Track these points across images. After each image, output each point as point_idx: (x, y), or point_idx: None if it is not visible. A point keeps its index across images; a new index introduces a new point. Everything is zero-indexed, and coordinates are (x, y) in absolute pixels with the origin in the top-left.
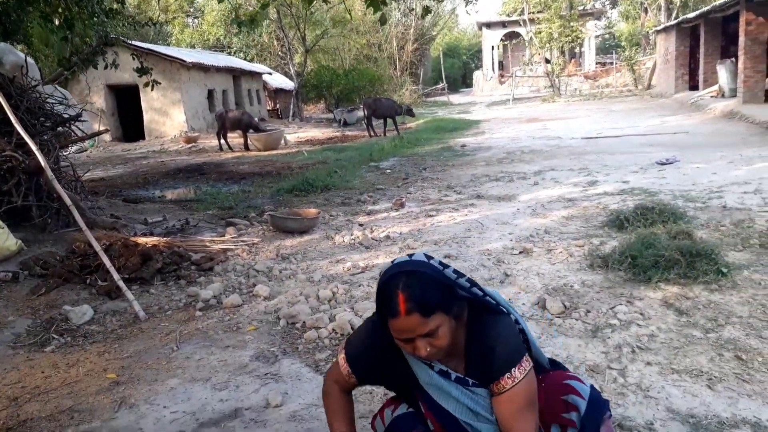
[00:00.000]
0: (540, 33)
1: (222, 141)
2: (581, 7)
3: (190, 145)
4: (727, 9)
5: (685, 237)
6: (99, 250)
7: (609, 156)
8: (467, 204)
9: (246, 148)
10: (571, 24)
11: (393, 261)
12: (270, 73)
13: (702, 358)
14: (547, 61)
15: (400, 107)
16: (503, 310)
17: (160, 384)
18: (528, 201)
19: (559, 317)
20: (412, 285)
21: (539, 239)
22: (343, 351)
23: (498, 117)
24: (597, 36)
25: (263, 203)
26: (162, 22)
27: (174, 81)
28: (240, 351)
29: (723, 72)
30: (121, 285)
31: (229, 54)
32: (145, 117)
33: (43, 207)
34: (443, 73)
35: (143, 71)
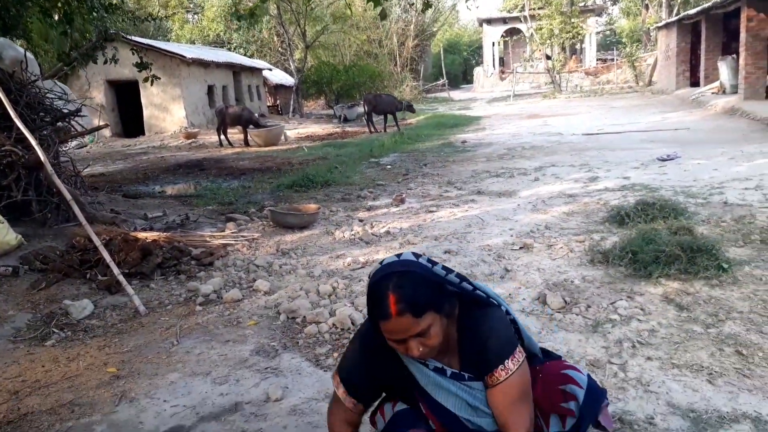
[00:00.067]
0: (541, 29)
1: (222, 137)
2: (582, 4)
3: (190, 141)
4: (729, 5)
5: (686, 233)
6: (99, 244)
7: (610, 152)
8: (468, 200)
9: (246, 143)
10: (572, 20)
11: (381, 262)
12: (270, 69)
13: (702, 353)
14: (548, 58)
15: (400, 103)
16: (494, 302)
17: (160, 378)
18: (528, 197)
19: (560, 312)
20: (402, 285)
21: (540, 235)
22: (336, 376)
23: (499, 113)
24: (598, 32)
25: (263, 199)
26: (162, 17)
27: (174, 77)
28: (240, 345)
29: (724, 68)
30: (121, 280)
31: (229, 50)
32: (145, 113)
33: (43, 202)
34: (444, 70)
35: (143, 66)
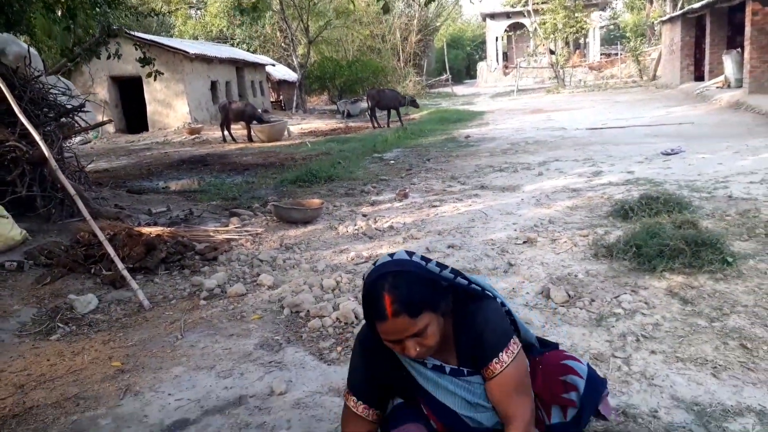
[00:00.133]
0: (544, 24)
1: (225, 132)
2: None
3: (193, 137)
4: None
5: (690, 226)
6: (103, 239)
7: (613, 146)
8: (471, 194)
9: (249, 139)
10: (576, 15)
11: (374, 263)
12: (273, 65)
13: (707, 346)
14: (552, 52)
15: (403, 98)
16: (489, 294)
17: (164, 372)
18: (532, 191)
19: (563, 306)
20: (397, 286)
21: (543, 229)
22: (347, 389)
23: (502, 108)
24: (602, 27)
25: (267, 194)
26: (164, 13)
27: (177, 72)
28: (244, 339)
29: (729, 62)
30: (126, 274)
31: (232, 45)
32: (149, 108)
33: (48, 197)
34: (447, 65)
35: (146, 61)
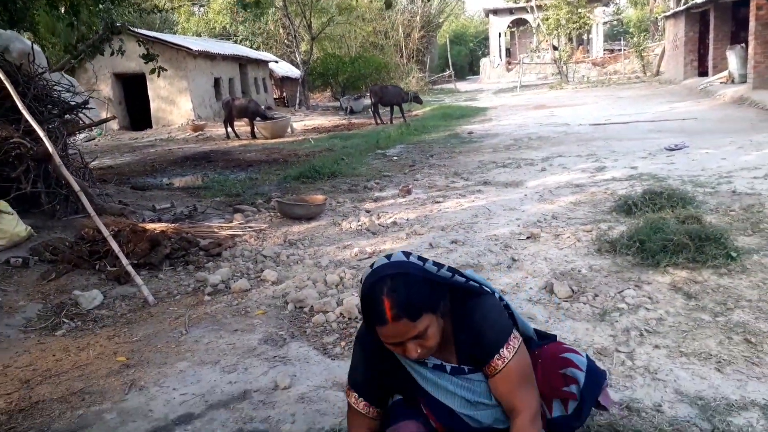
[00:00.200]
0: (547, 20)
1: (229, 129)
2: None
3: (197, 134)
4: None
5: (694, 221)
6: (108, 235)
7: (617, 142)
8: (474, 190)
9: (253, 136)
10: (579, 10)
11: (371, 265)
12: (276, 62)
13: (711, 341)
14: (555, 48)
15: (406, 94)
16: (487, 290)
17: (169, 367)
18: (535, 187)
19: (567, 301)
20: (396, 289)
21: (547, 224)
22: (348, 387)
23: (505, 104)
24: (605, 22)
25: (270, 190)
26: (168, 9)
27: (180, 69)
28: (248, 334)
29: (733, 58)
30: (130, 270)
31: (235, 42)
32: (152, 105)
33: (52, 194)
34: (450, 61)
35: (149, 58)
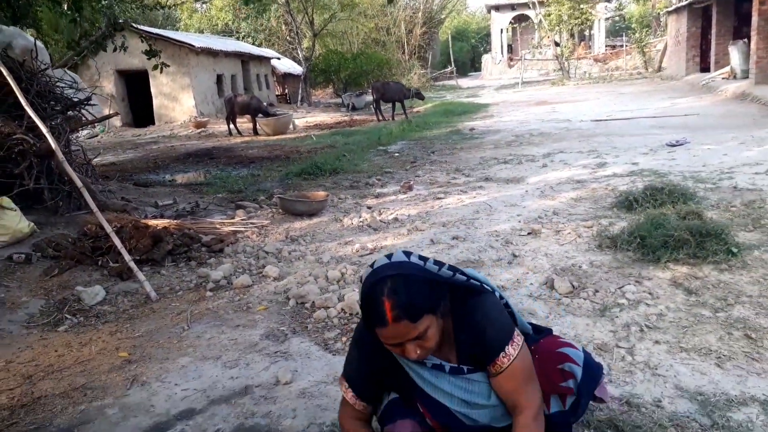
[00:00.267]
0: (549, 15)
1: (231, 126)
2: None
3: (199, 130)
4: None
5: (695, 217)
6: (110, 231)
7: (618, 138)
8: (475, 186)
9: (255, 132)
10: (581, 6)
11: (371, 265)
12: (278, 58)
13: (711, 336)
14: (557, 44)
15: (408, 91)
16: (487, 288)
17: (171, 362)
18: (536, 183)
19: (567, 297)
20: (396, 290)
21: (548, 220)
22: (342, 381)
23: (507, 100)
24: (607, 18)
25: (272, 186)
26: (170, 6)
27: (183, 66)
28: (250, 330)
29: (735, 53)
30: (133, 266)
31: (238, 39)
32: (155, 102)
33: (55, 190)
34: (452, 57)
35: (152, 54)
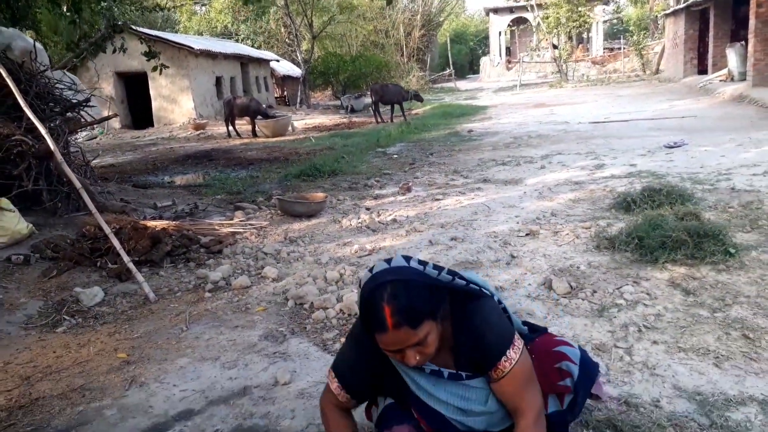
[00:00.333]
0: (547, 18)
1: (230, 128)
2: None
3: (198, 132)
4: None
5: (693, 218)
6: (109, 233)
7: (616, 140)
8: (474, 188)
9: (254, 134)
10: (579, 9)
11: (370, 270)
12: (277, 60)
13: (709, 337)
14: (555, 47)
15: (407, 93)
16: (486, 292)
17: (169, 363)
18: (535, 184)
19: (566, 297)
20: (397, 295)
21: (546, 221)
22: (331, 371)
23: (505, 102)
24: (605, 21)
25: (271, 188)
26: (169, 8)
27: (182, 68)
28: (249, 331)
29: (732, 55)
30: (131, 267)
31: (237, 41)
32: (154, 104)
33: (54, 191)
34: (450, 60)
35: (151, 55)
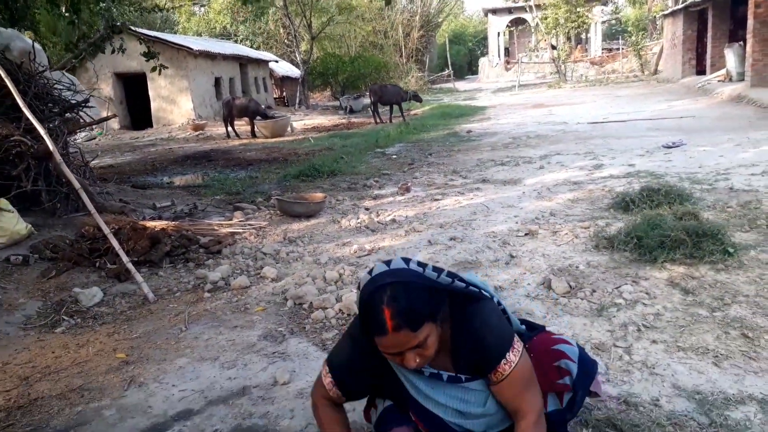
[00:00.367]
0: (546, 19)
1: (229, 128)
2: None
3: (197, 133)
4: None
5: (692, 218)
6: (108, 233)
7: (615, 140)
8: (473, 188)
9: (253, 135)
10: (578, 9)
11: (369, 272)
12: (276, 61)
13: (708, 336)
14: (553, 47)
15: (406, 93)
16: (486, 294)
17: (168, 363)
18: (533, 184)
19: (565, 297)
20: (397, 298)
21: (545, 221)
22: (326, 365)
23: (504, 103)
24: (603, 22)
25: (270, 188)
26: (168, 9)
27: (181, 69)
28: (248, 331)
29: (731, 56)
30: (130, 267)
31: (236, 42)
32: (153, 105)
33: (53, 192)
34: (449, 60)
35: (150, 56)
